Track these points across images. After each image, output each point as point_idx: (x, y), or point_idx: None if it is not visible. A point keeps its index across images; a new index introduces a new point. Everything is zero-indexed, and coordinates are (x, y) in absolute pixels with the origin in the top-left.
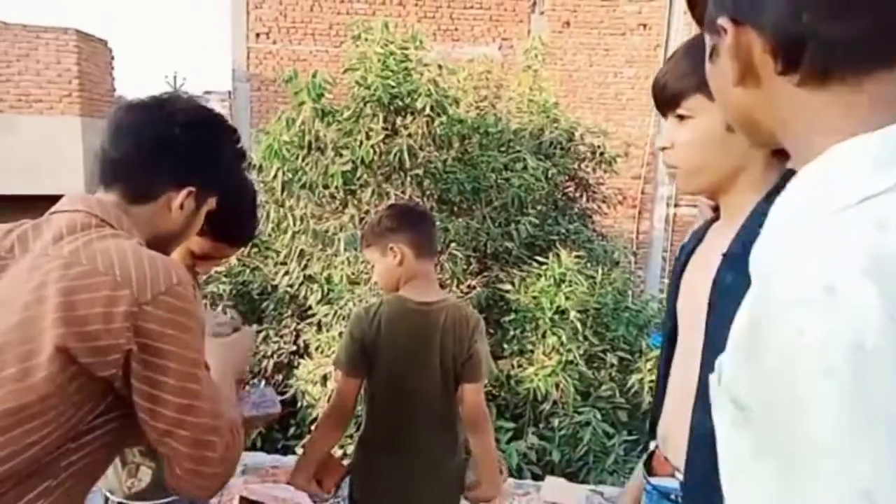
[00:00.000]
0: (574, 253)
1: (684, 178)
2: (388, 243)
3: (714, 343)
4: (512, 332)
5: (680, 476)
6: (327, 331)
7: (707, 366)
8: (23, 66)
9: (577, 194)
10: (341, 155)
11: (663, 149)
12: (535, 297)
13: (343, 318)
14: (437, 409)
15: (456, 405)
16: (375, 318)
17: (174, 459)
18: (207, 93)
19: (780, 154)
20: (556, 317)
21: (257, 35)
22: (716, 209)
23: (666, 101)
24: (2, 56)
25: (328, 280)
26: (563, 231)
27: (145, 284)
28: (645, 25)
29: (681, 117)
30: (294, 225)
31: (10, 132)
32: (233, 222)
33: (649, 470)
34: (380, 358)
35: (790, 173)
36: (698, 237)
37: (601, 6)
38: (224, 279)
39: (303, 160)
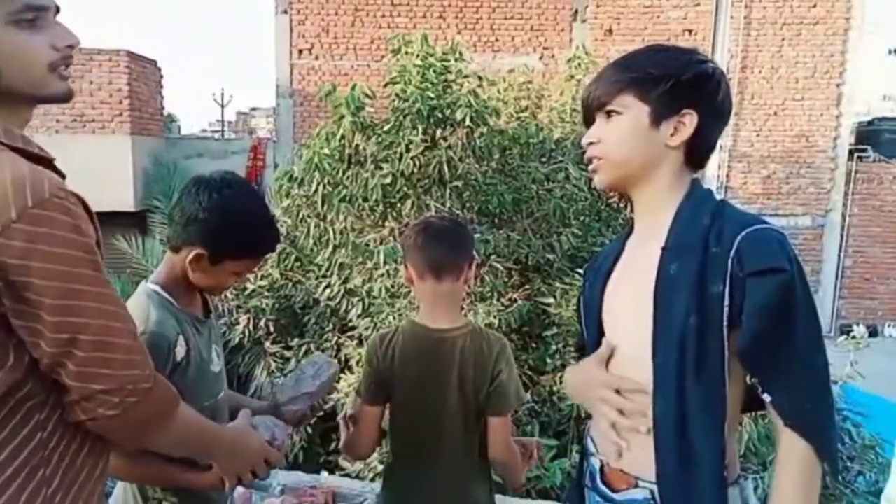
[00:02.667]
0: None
1: (608, 169)
2: (405, 262)
3: (666, 328)
4: (554, 347)
5: (644, 482)
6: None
7: (660, 353)
8: (77, 88)
9: (621, 204)
10: (381, 168)
11: (590, 144)
12: (577, 310)
13: None
14: (460, 441)
15: (482, 437)
16: (390, 347)
17: (66, 391)
18: (253, 109)
19: (689, 161)
20: None
21: (300, 51)
22: (631, 226)
23: (597, 103)
24: None
25: (368, 293)
26: (607, 242)
27: None
28: (690, 31)
29: (609, 114)
30: (334, 238)
31: (65, 152)
32: (261, 235)
33: (609, 487)
34: (395, 388)
35: (696, 181)
36: (615, 252)
37: (645, 13)
38: (267, 293)
39: (343, 173)
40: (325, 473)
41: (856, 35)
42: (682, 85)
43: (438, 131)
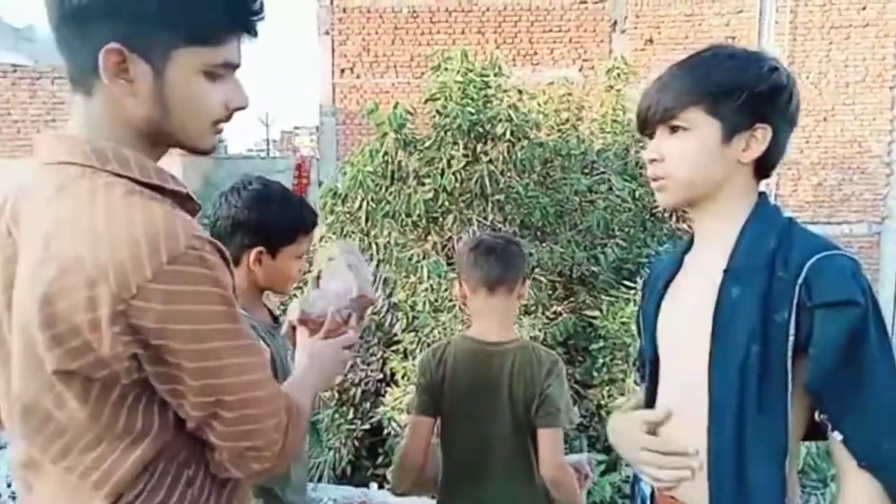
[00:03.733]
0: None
1: (674, 190)
2: (459, 279)
3: (725, 356)
4: (601, 361)
5: None
6: (412, 358)
7: (717, 382)
8: None
9: (667, 214)
10: (423, 183)
11: (653, 161)
12: (623, 323)
13: (428, 346)
14: (511, 456)
15: (535, 454)
16: (442, 360)
17: (214, 449)
18: (297, 128)
19: (757, 173)
20: None
21: (342, 71)
22: (690, 239)
23: (659, 116)
24: None
25: (412, 307)
26: (653, 253)
27: (123, 274)
28: (733, 38)
29: (673, 129)
30: (378, 253)
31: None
32: (298, 209)
33: None
34: (447, 401)
35: (764, 196)
36: (673, 267)
37: (686, 21)
38: None
39: (386, 190)
40: (374, 486)
41: None
42: (755, 98)
43: (479, 146)
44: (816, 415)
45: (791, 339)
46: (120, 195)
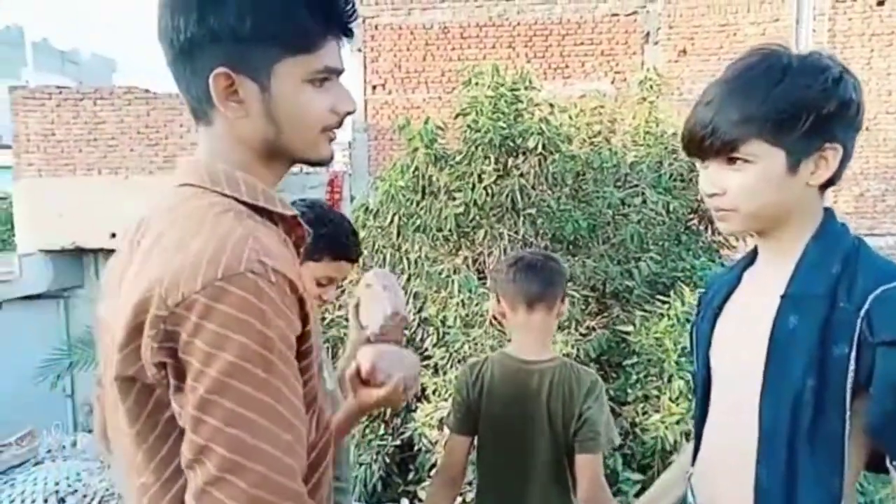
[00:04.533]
0: (699, 290)
1: (738, 221)
2: (496, 293)
3: (777, 388)
4: (635, 377)
5: None
6: (443, 374)
7: (768, 415)
8: (169, 131)
9: (702, 227)
10: (454, 198)
11: (712, 195)
12: (657, 339)
13: (458, 362)
14: (549, 476)
15: (573, 475)
16: (479, 377)
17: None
18: None
19: (822, 188)
20: (683, 359)
21: (374, 87)
22: (752, 254)
23: (716, 147)
24: (152, 123)
25: (443, 322)
26: (688, 267)
27: (177, 280)
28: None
29: (732, 160)
30: (409, 268)
31: (159, 192)
32: (341, 236)
33: None
34: (484, 418)
35: (830, 212)
36: (731, 284)
37: (720, 31)
38: (345, 323)
39: (417, 204)
40: (405, 502)
41: None
42: (823, 119)
43: (510, 160)
44: (889, 461)
45: (851, 374)
46: (214, 213)
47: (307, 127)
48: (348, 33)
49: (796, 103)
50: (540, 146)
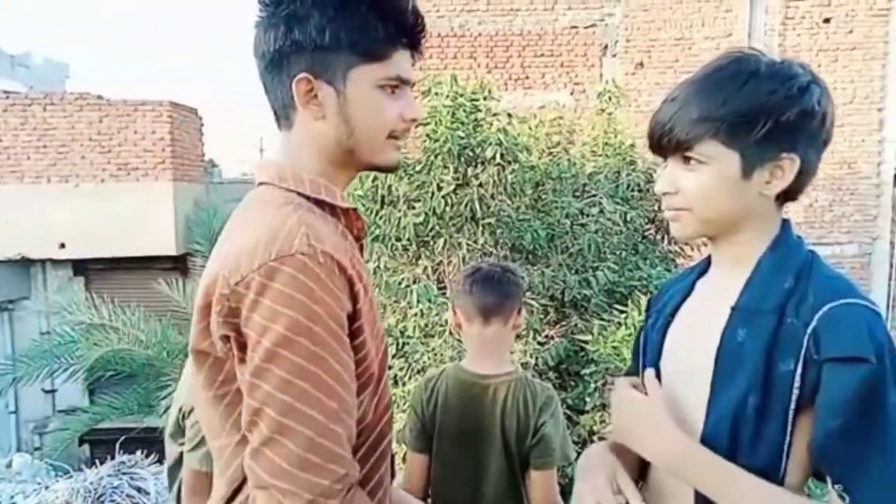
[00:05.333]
0: None
1: (690, 224)
2: (453, 307)
3: (720, 404)
4: (593, 385)
5: None
6: (402, 385)
7: (711, 428)
8: (122, 138)
9: (659, 237)
10: (413, 207)
11: (665, 193)
12: (615, 348)
13: (417, 372)
14: (503, 491)
15: (527, 490)
16: (434, 392)
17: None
18: None
19: (779, 199)
20: None
21: None
22: (706, 262)
23: (672, 145)
24: (104, 130)
25: (402, 333)
26: (645, 276)
27: (238, 262)
28: None
29: (687, 160)
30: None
31: (110, 200)
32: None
33: None
34: (438, 434)
35: (787, 224)
36: (683, 292)
37: (676, 45)
38: None
39: (376, 214)
40: None
41: None
42: (781, 126)
43: (469, 170)
44: (832, 485)
45: (796, 391)
46: (276, 205)
47: (377, 130)
48: (417, 46)
49: (756, 108)
50: (498, 156)
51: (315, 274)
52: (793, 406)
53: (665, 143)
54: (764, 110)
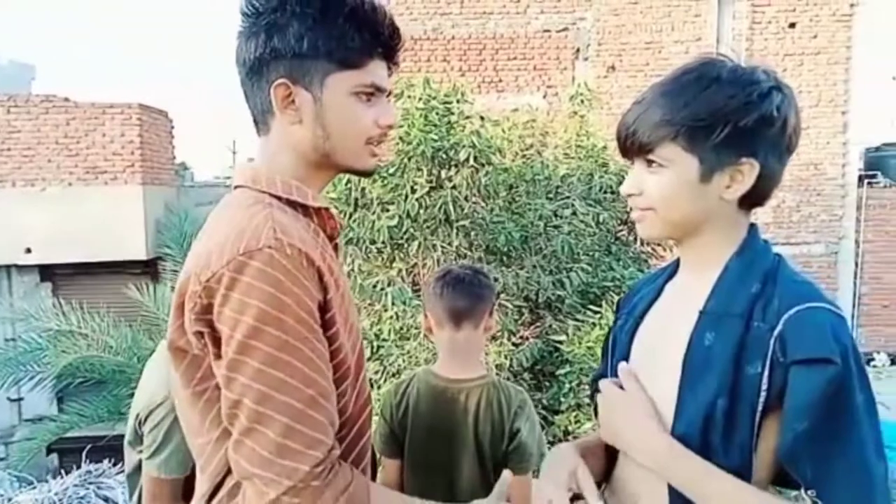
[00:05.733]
0: None
1: (653, 224)
2: (424, 311)
3: (690, 405)
4: (568, 386)
5: None
6: (377, 388)
7: (679, 431)
8: (90, 141)
9: (631, 238)
10: (387, 210)
11: (630, 195)
12: (589, 348)
13: (392, 375)
14: (476, 496)
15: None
16: (404, 397)
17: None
18: None
19: (744, 204)
20: None
21: None
22: (675, 265)
23: (635, 147)
24: (72, 133)
25: (377, 336)
26: (618, 277)
27: (209, 260)
28: None
29: (650, 162)
30: None
31: (78, 204)
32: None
33: None
34: (410, 440)
35: (754, 229)
36: (652, 295)
37: (646, 48)
38: None
39: (350, 217)
40: None
41: (859, 63)
42: (739, 132)
43: (443, 172)
44: (802, 489)
45: (763, 394)
46: (248, 205)
47: (352, 135)
48: (393, 56)
49: (714, 112)
50: (472, 158)
51: (282, 265)
52: (760, 409)
53: (629, 145)
54: (722, 115)
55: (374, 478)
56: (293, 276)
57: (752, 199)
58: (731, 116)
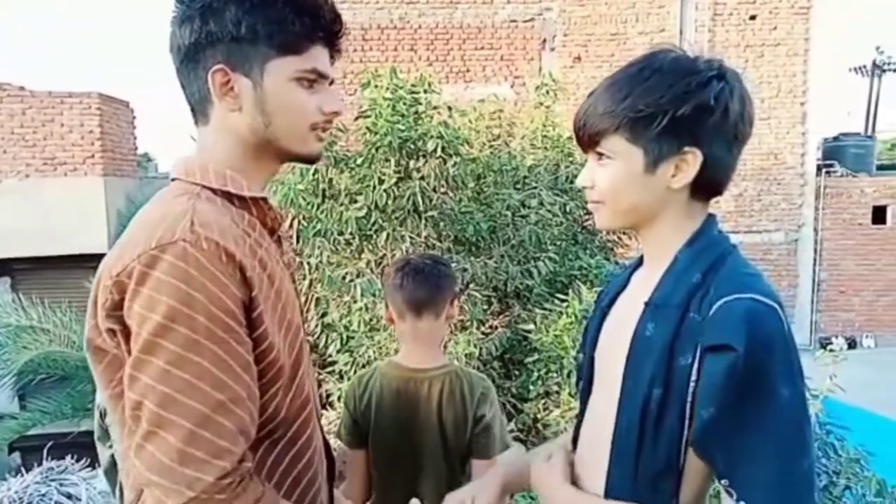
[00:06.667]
0: (595, 288)
1: (606, 215)
2: (385, 302)
3: (630, 394)
4: (536, 374)
5: None
6: (348, 380)
7: (623, 418)
8: (48, 131)
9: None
10: (355, 201)
11: (583, 188)
12: (557, 336)
13: (362, 367)
14: (442, 484)
15: (466, 480)
16: (367, 388)
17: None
18: None
19: (698, 194)
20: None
21: None
22: (641, 258)
23: (585, 139)
24: (28, 123)
25: (347, 327)
26: (585, 265)
27: (122, 253)
28: None
29: (600, 155)
30: (310, 273)
31: (36, 196)
32: None
33: None
34: (374, 430)
35: (709, 220)
36: (620, 285)
37: (612, 39)
38: None
39: (317, 208)
40: None
41: (817, 55)
42: (678, 121)
43: (411, 162)
44: (716, 479)
45: (692, 385)
46: (172, 196)
47: (294, 121)
48: (335, 43)
49: (653, 103)
50: (440, 149)
51: (196, 260)
52: (689, 399)
53: (581, 136)
54: (661, 105)
55: (331, 476)
56: (208, 271)
57: (705, 188)
58: (668, 106)
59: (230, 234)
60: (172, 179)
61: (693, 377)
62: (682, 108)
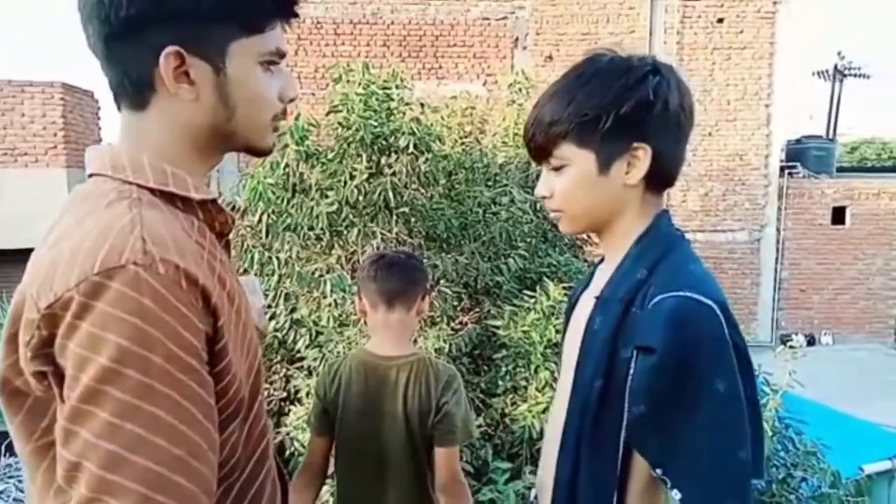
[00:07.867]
0: (563, 284)
1: (569, 222)
2: (359, 293)
3: (577, 390)
4: (505, 369)
5: None
6: (317, 375)
7: (570, 411)
8: (8, 121)
9: None
10: (326, 196)
11: (543, 198)
12: (525, 332)
13: None
14: (407, 470)
15: (431, 468)
16: (336, 375)
17: None
18: None
19: (652, 188)
20: (548, 351)
21: None
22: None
23: (538, 151)
24: None
25: (316, 323)
26: (554, 263)
27: (51, 278)
28: None
29: (553, 165)
30: (279, 268)
31: None
32: None
33: None
34: (341, 416)
35: (661, 215)
36: (586, 281)
37: (582, 39)
38: None
39: (287, 202)
40: None
41: (781, 58)
42: (622, 119)
43: (383, 158)
44: (651, 468)
45: (630, 378)
46: (108, 201)
47: (258, 112)
48: (290, 15)
49: (596, 105)
50: (412, 145)
51: (152, 289)
52: (627, 392)
53: (532, 149)
54: (603, 106)
55: (284, 500)
56: (166, 301)
57: (657, 181)
58: (611, 106)
59: (188, 251)
60: (91, 175)
61: (631, 371)
62: (624, 105)
